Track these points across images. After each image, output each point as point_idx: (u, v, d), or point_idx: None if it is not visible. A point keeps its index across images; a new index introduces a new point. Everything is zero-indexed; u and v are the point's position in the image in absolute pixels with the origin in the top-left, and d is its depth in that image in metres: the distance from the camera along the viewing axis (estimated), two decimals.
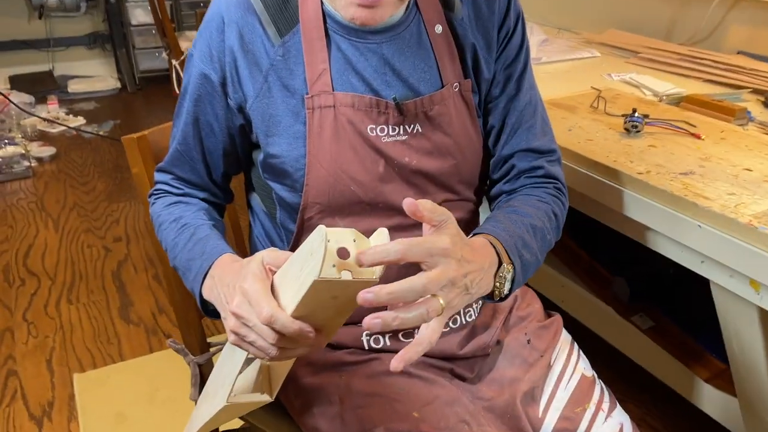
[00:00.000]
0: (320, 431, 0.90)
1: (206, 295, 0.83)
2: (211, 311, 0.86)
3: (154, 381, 1.78)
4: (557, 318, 1.04)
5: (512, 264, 0.79)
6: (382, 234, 0.68)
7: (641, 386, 1.71)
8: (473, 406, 0.90)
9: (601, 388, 0.97)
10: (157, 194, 0.99)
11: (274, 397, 0.87)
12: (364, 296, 0.61)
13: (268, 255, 0.73)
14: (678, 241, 1.03)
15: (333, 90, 0.86)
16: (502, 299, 0.77)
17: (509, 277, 0.77)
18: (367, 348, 0.94)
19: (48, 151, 3.23)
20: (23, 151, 3.06)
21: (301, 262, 0.67)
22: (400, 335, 0.94)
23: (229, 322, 0.73)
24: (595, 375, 0.99)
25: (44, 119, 3.50)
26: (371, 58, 0.86)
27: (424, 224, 0.69)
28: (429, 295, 0.65)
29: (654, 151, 1.16)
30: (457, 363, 0.96)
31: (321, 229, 0.64)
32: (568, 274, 1.68)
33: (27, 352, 1.93)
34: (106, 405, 1.71)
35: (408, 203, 0.64)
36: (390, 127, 0.87)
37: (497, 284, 0.76)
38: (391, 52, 0.87)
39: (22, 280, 2.28)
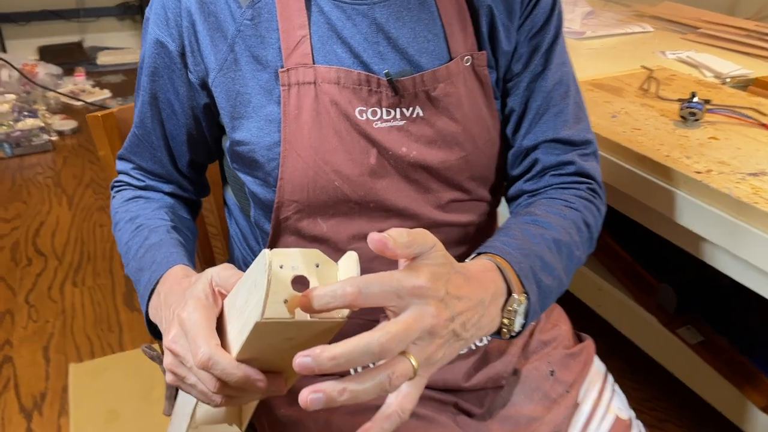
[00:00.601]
0: None
1: (152, 316, 0.68)
2: (161, 335, 0.71)
3: (150, 377, 1.67)
4: (588, 344, 0.86)
5: (526, 294, 0.61)
6: (350, 259, 0.51)
7: (683, 403, 1.52)
8: None
9: None
10: (118, 186, 0.85)
11: (244, 429, 0.73)
12: (301, 362, 0.45)
13: (218, 274, 0.58)
14: (742, 257, 0.84)
15: (314, 62, 0.70)
16: (512, 337, 0.60)
17: (521, 310, 0.60)
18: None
19: (70, 124, 3.15)
20: (42, 124, 2.97)
21: (247, 291, 0.51)
22: None
23: (165, 358, 0.58)
24: (633, 416, 0.82)
25: (63, 94, 3.42)
26: (361, 24, 0.69)
27: (399, 261, 0.52)
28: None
29: (716, 145, 0.97)
30: (463, 396, 0.80)
31: (264, 254, 0.48)
32: (607, 277, 1.50)
33: (25, 338, 1.84)
34: (99, 400, 1.61)
35: (373, 240, 0.48)
36: (383, 109, 0.70)
37: (505, 320, 0.59)
38: (385, 16, 0.69)
39: (29, 260, 2.19)
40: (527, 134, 0.77)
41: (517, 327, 0.60)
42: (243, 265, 0.86)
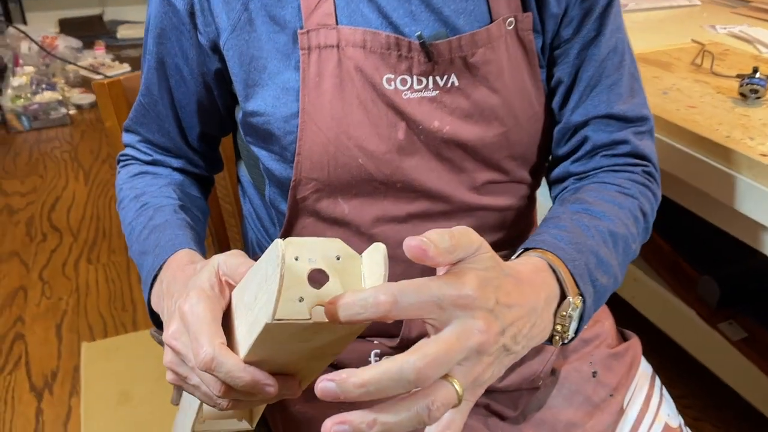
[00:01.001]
0: None
1: (154, 305, 0.62)
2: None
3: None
4: (634, 342, 0.78)
5: (581, 296, 0.53)
6: (376, 253, 0.43)
7: (720, 402, 1.43)
8: None
9: None
10: (124, 161, 0.78)
11: (254, 425, 0.67)
12: (324, 387, 0.38)
13: (225, 262, 0.51)
14: None
15: (337, 23, 0.62)
16: (564, 344, 0.52)
17: (576, 315, 0.52)
18: None
19: (88, 98, 3.10)
20: (61, 98, 2.92)
21: (257, 286, 0.44)
22: None
23: (165, 355, 0.52)
24: (682, 424, 0.74)
25: (83, 67, 3.36)
26: None
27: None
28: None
29: None
30: (495, 397, 0.73)
31: (277, 245, 0.41)
32: (644, 267, 1.42)
33: (38, 315, 1.80)
34: (111, 381, 1.56)
35: (410, 246, 0.40)
36: (414, 78, 0.62)
37: (558, 326, 0.51)
38: None
39: (44, 236, 2.15)
40: (576, 108, 0.68)
41: (571, 333, 0.52)
42: (257, 249, 0.79)
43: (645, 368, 0.77)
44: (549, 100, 0.69)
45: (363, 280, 0.44)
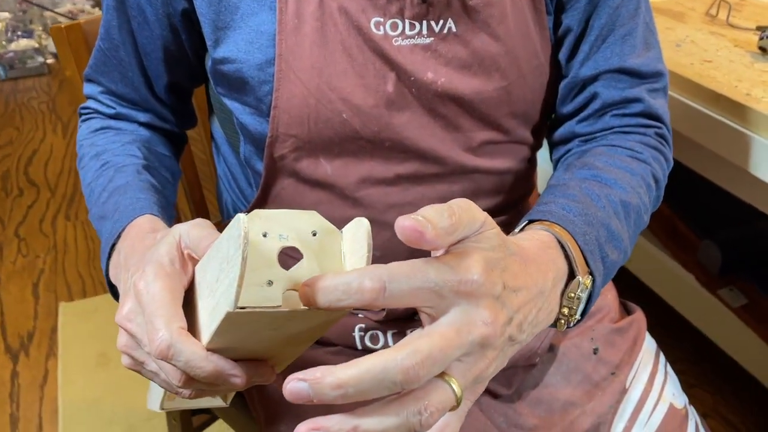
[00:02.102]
0: None
1: (112, 277, 0.55)
2: None
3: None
4: (638, 317, 0.73)
5: (591, 275, 0.47)
6: (359, 228, 0.37)
7: (716, 369, 1.40)
8: None
9: (696, 427, 0.67)
10: (85, 113, 0.71)
11: (229, 402, 0.62)
12: (293, 388, 0.32)
13: (188, 233, 0.45)
14: None
15: None
16: (570, 327, 0.46)
17: (585, 296, 0.46)
18: (360, 348, 0.67)
19: None
20: (37, 46, 2.80)
21: (219, 265, 0.38)
22: (408, 332, 0.65)
23: (120, 337, 0.46)
24: (688, 404, 0.69)
25: (61, 14, 3.22)
26: None
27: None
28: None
29: None
30: None
31: (239, 220, 0.34)
32: (642, 230, 1.35)
33: (13, 273, 1.74)
34: (89, 342, 1.51)
35: (404, 227, 0.33)
36: (406, 22, 0.55)
37: (565, 309, 0.45)
38: None
39: (20, 190, 2.07)
40: (586, 61, 0.61)
41: (578, 315, 0.46)
42: (233, 212, 0.73)
43: (649, 344, 0.72)
44: (555, 52, 0.62)
45: (343, 259, 0.38)
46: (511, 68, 0.58)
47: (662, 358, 0.72)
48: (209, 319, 0.39)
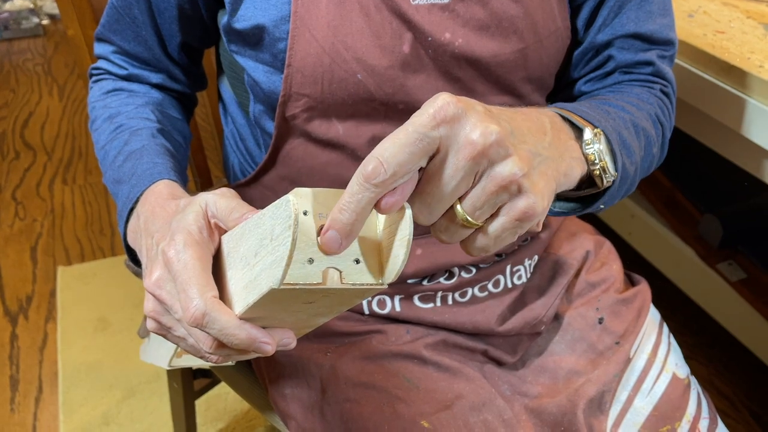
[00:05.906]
0: (294, 420, 0.65)
1: (131, 241, 0.55)
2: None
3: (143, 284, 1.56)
4: (643, 288, 0.73)
5: (600, 131, 0.49)
6: (400, 212, 0.38)
7: (713, 341, 1.42)
8: (512, 410, 0.62)
9: (698, 397, 0.68)
10: (97, 74, 0.70)
11: (234, 362, 0.63)
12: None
13: (215, 203, 0.45)
14: None
15: None
16: (611, 184, 0.49)
17: (604, 148, 0.48)
18: (367, 313, 0.67)
19: None
20: (32, 6, 2.75)
21: (260, 240, 0.39)
22: (416, 297, 0.66)
23: (147, 302, 0.46)
24: (690, 374, 0.70)
25: None
26: None
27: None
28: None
29: None
30: (494, 341, 0.68)
31: (288, 203, 0.36)
32: (642, 203, 1.36)
33: (11, 236, 1.72)
34: (88, 307, 1.51)
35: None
36: None
37: (591, 155, 0.47)
38: None
39: (16, 153, 2.05)
40: (603, 27, 0.60)
41: (611, 168, 0.48)
42: (240, 175, 0.72)
43: (653, 315, 0.72)
44: (574, 19, 0.61)
45: (379, 233, 0.38)
46: (528, 31, 0.57)
47: (666, 328, 0.72)
48: (245, 292, 0.39)
